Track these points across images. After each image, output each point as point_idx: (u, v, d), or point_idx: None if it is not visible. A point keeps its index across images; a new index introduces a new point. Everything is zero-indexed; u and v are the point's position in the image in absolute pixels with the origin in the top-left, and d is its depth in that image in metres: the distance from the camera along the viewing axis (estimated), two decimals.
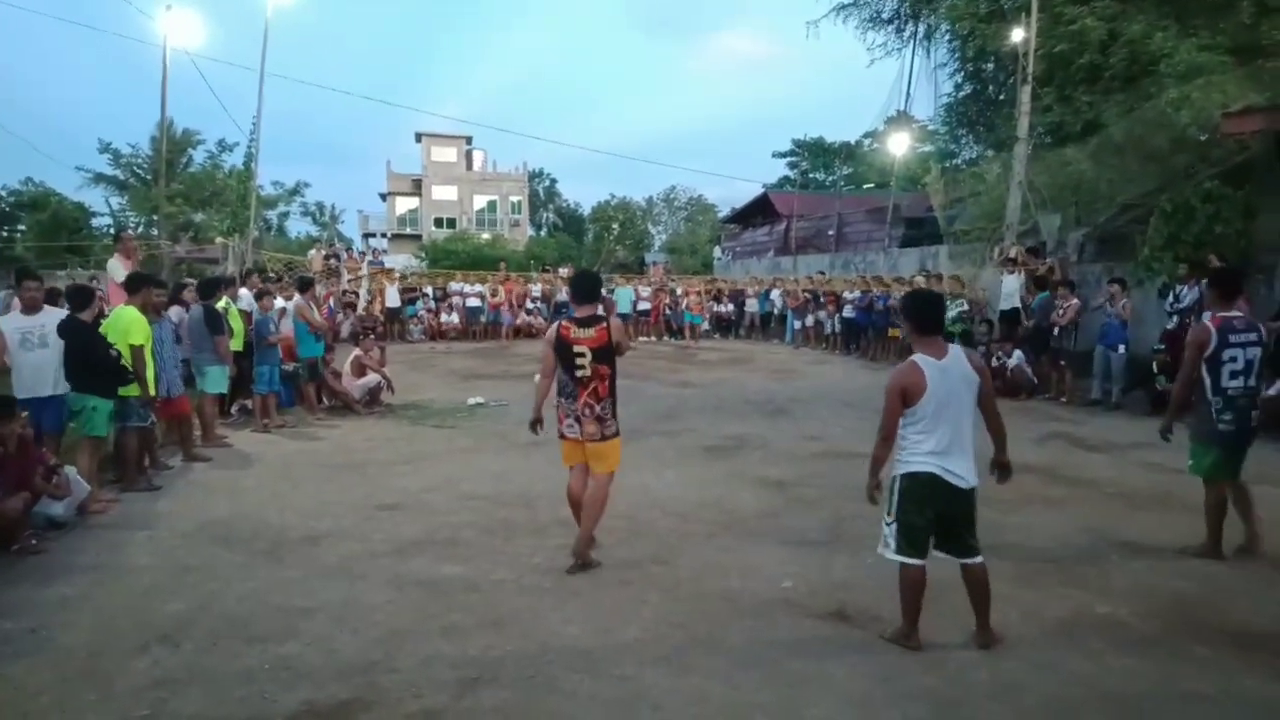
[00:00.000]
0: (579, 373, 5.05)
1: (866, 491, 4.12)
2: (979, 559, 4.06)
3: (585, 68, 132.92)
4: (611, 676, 3.76)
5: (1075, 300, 12.38)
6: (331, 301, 15.42)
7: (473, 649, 4.03)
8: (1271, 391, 9.38)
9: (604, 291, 8.29)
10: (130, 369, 6.71)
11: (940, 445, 3.91)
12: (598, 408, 5.07)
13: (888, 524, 4.06)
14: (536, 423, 5.36)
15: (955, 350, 4.03)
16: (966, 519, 4.04)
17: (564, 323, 5.21)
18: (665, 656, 3.96)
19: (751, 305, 24.56)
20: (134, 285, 7.34)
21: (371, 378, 11.12)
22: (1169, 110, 12.87)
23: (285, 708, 3.47)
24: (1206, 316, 6.76)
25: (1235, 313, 5.41)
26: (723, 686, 3.67)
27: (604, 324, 5.10)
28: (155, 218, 23.92)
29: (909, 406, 3.93)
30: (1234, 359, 5.20)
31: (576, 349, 5.03)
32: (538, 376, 5.37)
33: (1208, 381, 5.25)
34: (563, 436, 5.20)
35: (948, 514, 4.00)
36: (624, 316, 23.52)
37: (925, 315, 4.15)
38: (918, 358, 3.97)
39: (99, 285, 9.26)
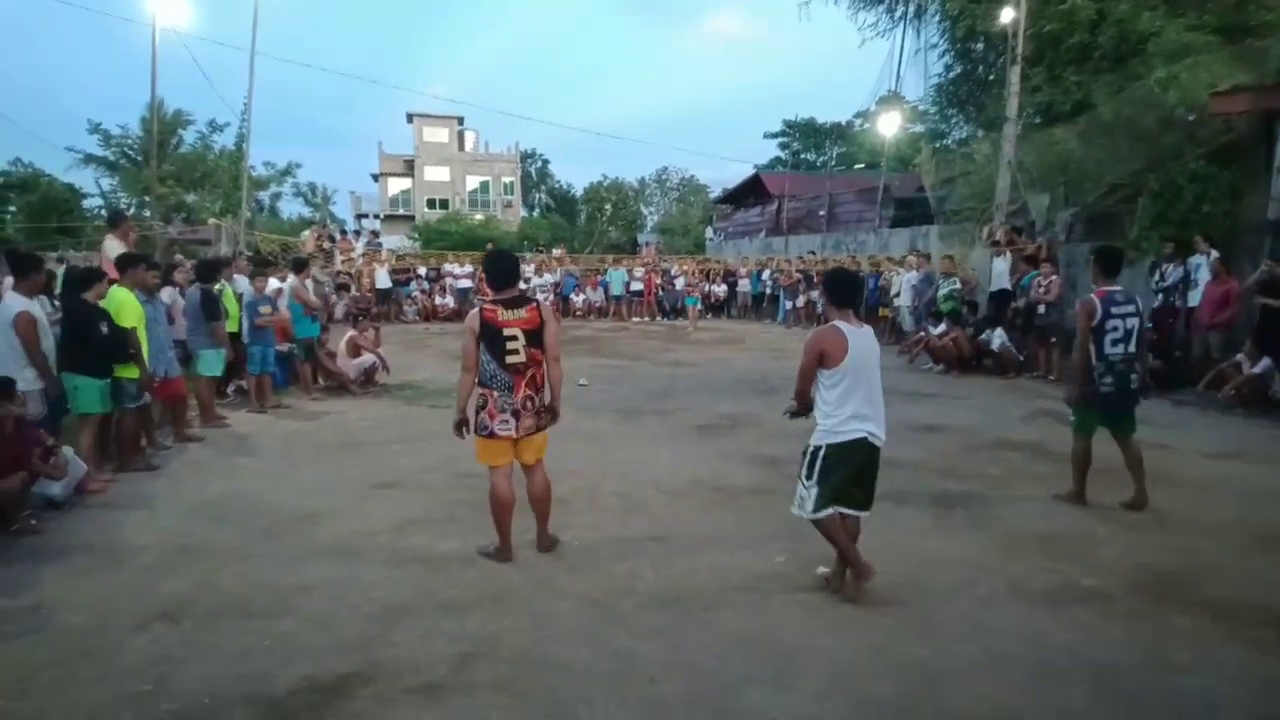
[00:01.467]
0: (511, 359, 4.61)
1: (786, 410, 4.65)
2: (866, 514, 4.45)
3: (577, 48, 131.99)
4: (607, 650, 3.82)
5: (1056, 277, 12.48)
6: (309, 282, 15.32)
7: (470, 624, 4.09)
8: (1256, 370, 9.53)
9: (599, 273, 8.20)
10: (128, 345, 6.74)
11: (861, 408, 4.23)
12: (538, 399, 4.74)
13: (806, 487, 4.35)
14: (462, 424, 4.81)
15: (869, 328, 4.43)
16: (874, 477, 4.41)
17: (486, 306, 4.72)
18: (659, 630, 4.03)
19: (743, 285, 24.60)
20: (125, 265, 7.31)
21: (366, 358, 11.14)
22: (1157, 90, 12.89)
23: (285, 683, 3.52)
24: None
25: (1116, 287, 5.93)
26: (717, 659, 3.74)
27: (534, 304, 4.77)
28: (147, 199, 23.76)
29: (827, 368, 4.23)
30: (1115, 328, 5.77)
31: (507, 332, 4.59)
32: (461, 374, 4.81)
33: (1092, 348, 5.83)
34: (490, 434, 4.69)
35: (863, 470, 4.33)
36: (617, 298, 23.66)
37: (844, 289, 4.45)
38: (839, 323, 4.27)
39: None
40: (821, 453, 4.29)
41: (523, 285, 20.80)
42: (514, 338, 4.61)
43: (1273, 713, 3.40)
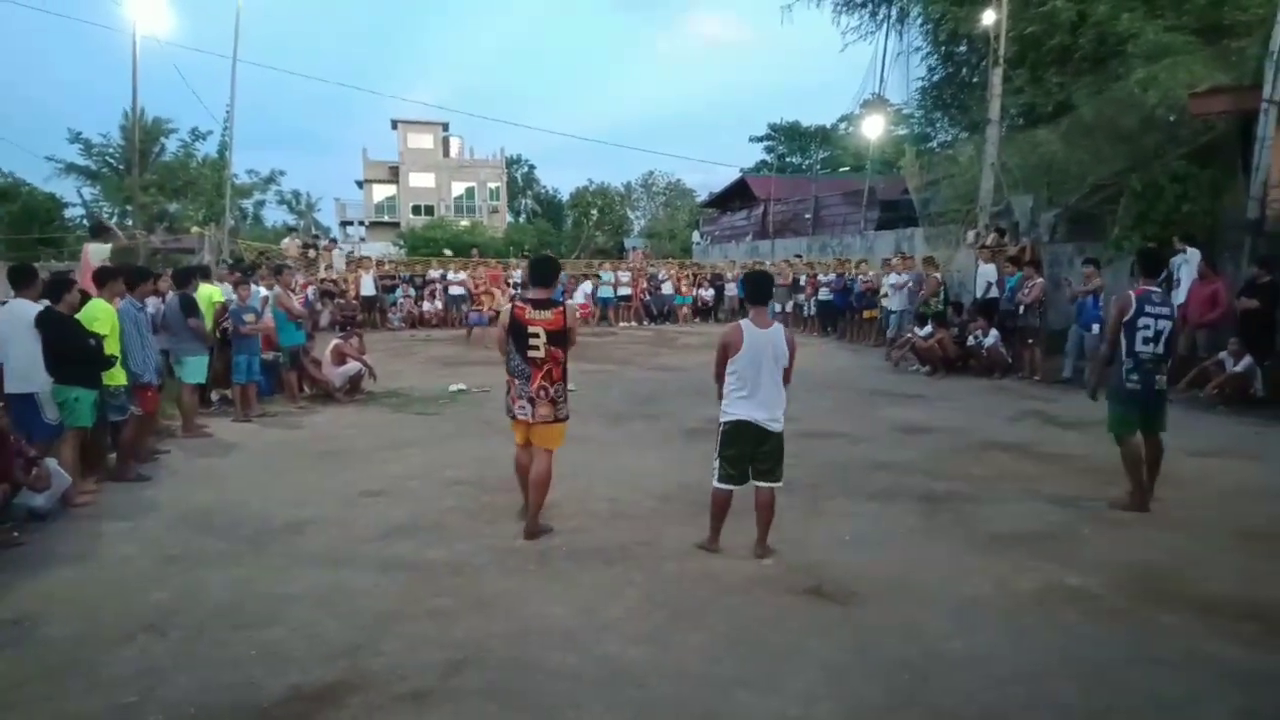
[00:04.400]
0: (532, 354, 5.18)
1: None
2: (772, 486, 5.03)
3: (561, 53, 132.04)
4: (595, 655, 3.82)
5: (1040, 280, 12.57)
6: (310, 291, 15.44)
7: (458, 631, 4.08)
8: (1238, 368, 9.62)
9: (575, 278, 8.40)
10: (112, 355, 6.73)
11: (750, 394, 4.88)
12: (552, 390, 5.24)
13: (715, 459, 5.06)
14: None
15: (778, 326, 5.00)
16: (772, 455, 4.99)
17: (518, 303, 5.31)
18: (648, 635, 4.03)
19: (730, 289, 24.60)
20: (104, 278, 7.29)
21: (352, 365, 11.09)
22: (1137, 91, 12.98)
23: (273, 693, 3.50)
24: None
25: (1154, 288, 6.12)
26: (705, 663, 3.75)
27: (560, 307, 5.27)
28: (129, 208, 23.64)
29: (730, 358, 4.89)
30: (1147, 327, 5.88)
31: (530, 329, 5.16)
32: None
33: (1123, 344, 5.93)
34: (513, 417, 5.36)
35: (758, 450, 4.94)
36: (605, 301, 23.64)
37: (755, 289, 5.15)
38: (743, 322, 4.96)
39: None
40: (721, 429, 5.02)
41: (513, 291, 20.97)
42: (536, 335, 5.18)
43: (1256, 706, 3.43)
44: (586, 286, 23.70)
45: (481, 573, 4.85)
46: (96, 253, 8.53)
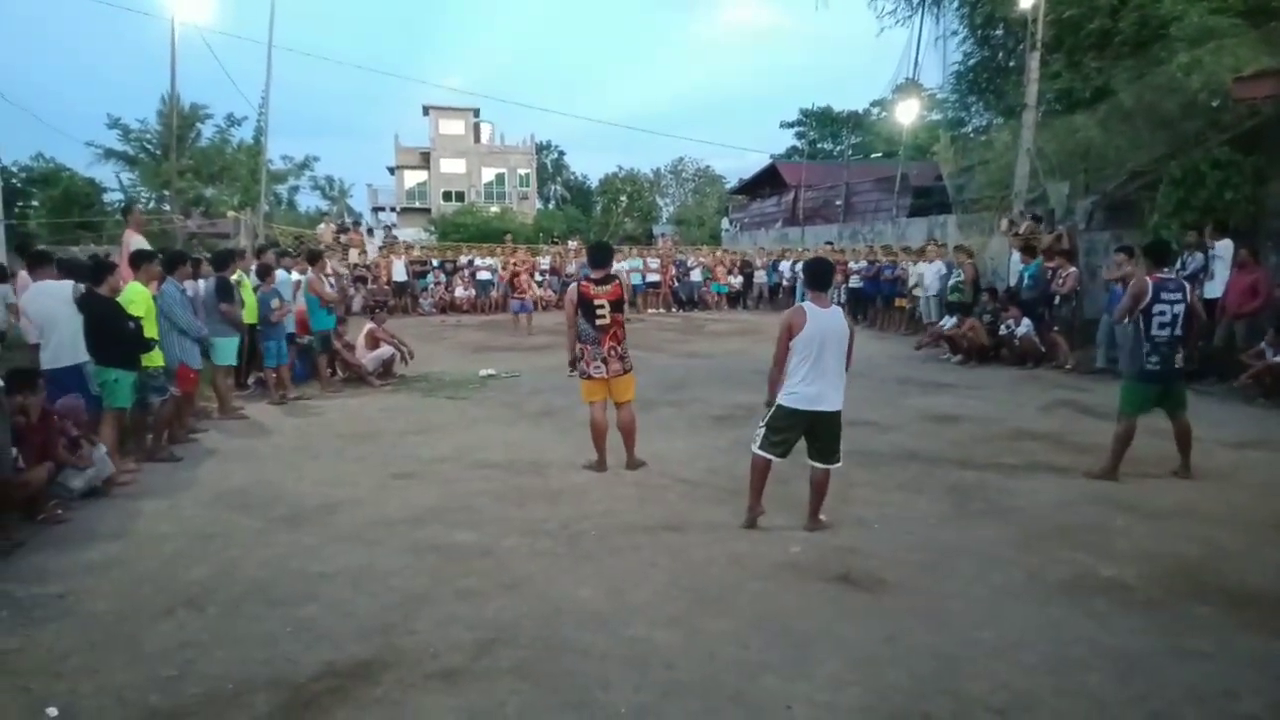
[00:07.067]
0: (599, 321, 6.23)
1: (766, 403, 5.29)
2: (828, 467, 5.21)
3: (592, 38, 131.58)
4: (624, 637, 3.85)
5: (1074, 269, 12.40)
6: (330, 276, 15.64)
7: (488, 611, 4.13)
8: (1278, 358, 9.42)
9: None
10: (150, 338, 6.89)
11: (811, 373, 5.00)
12: (619, 349, 6.35)
13: (760, 428, 5.24)
14: (573, 362, 6.47)
15: (837, 309, 5.23)
16: (831, 435, 5.15)
17: (583, 282, 6.37)
18: (676, 618, 4.05)
19: (760, 276, 24.49)
20: (139, 262, 7.41)
21: (385, 350, 11.21)
22: (1179, 75, 12.68)
23: (307, 668, 3.57)
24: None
25: (1167, 275, 6.51)
26: (733, 646, 3.76)
27: (617, 281, 6.40)
28: (166, 193, 23.96)
29: (794, 337, 5.01)
30: (1163, 312, 6.21)
31: (597, 303, 6.22)
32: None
33: (1141, 329, 6.26)
34: (588, 376, 6.35)
35: (815, 429, 5.13)
36: (634, 288, 23.62)
37: (817, 275, 5.33)
38: (804, 304, 5.12)
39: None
40: (777, 410, 5.14)
41: (540, 277, 21.02)
42: (602, 306, 6.23)
43: None
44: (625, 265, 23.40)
45: (510, 554, 4.90)
46: (134, 243, 8.70)
